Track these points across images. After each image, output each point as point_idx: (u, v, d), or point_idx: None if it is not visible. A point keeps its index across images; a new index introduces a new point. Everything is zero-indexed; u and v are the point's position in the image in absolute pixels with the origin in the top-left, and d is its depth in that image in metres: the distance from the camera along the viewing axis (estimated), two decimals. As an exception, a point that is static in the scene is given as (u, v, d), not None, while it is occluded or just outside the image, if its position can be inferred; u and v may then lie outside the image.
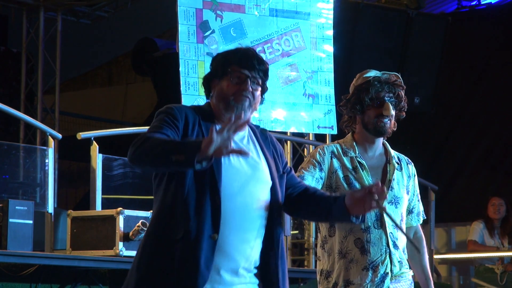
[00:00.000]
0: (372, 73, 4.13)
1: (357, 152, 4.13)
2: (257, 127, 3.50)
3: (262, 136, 3.47)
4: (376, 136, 4.12)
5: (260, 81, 3.38)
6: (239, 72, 3.35)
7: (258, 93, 3.38)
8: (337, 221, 3.78)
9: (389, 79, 4.09)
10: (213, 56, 3.50)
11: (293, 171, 3.55)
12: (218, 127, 3.09)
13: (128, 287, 3.25)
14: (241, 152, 3.08)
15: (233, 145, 3.02)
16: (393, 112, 4.08)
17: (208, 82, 3.42)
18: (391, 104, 4.07)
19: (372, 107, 4.07)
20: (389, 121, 4.09)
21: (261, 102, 3.42)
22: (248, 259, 3.28)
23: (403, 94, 4.12)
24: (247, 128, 3.43)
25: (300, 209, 3.47)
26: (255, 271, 3.31)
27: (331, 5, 8.41)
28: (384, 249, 4.03)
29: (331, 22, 8.39)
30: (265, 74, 3.40)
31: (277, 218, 3.36)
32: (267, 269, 3.33)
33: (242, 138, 3.39)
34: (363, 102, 4.07)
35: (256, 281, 3.32)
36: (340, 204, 3.37)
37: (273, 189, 3.36)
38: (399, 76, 4.15)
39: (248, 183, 3.29)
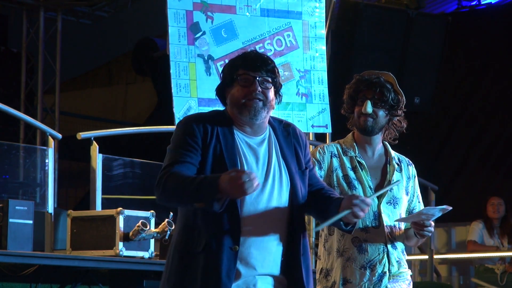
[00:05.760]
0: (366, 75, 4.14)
1: (357, 152, 4.13)
2: (281, 122, 3.52)
3: (284, 132, 3.50)
4: (364, 134, 4.13)
5: (270, 80, 3.41)
6: (246, 74, 3.40)
7: (271, 92, 3.41)
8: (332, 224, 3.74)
9: (370, 79, 4.08)
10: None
11: (315, 169, 3.55)
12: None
13: None
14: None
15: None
16: (370, 110, 4.05)
17: (222, 92, 3.48)
18: (371, 102, 4.06)
19: (356, 106, 4.10)
20: (373, 120, 4.09)
21: (279, 100, 3.46)
22: (271, 266, 3.33)
23: (389, 94, 4.08)
24: (267, 129, 3.46)
25: (310, 206, 3.48)
26: (278, 274, 3.35)
27: (323, 4, 8.40)
28: (382, 249, 4.03)
29: (323, 20, 8.39)
30: (273, 72, 3.42)
31: (298, 219, 3.40)
32: (291, 271, 3.36)
33: (261, 141, 3.42)
34: (348, 102, 4.12)
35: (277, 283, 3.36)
36: (335, 206, 3.39)
37: (292, 190, 3.39)
38: (390, 75, 4.13)
39: (266, 191, 3.34)
